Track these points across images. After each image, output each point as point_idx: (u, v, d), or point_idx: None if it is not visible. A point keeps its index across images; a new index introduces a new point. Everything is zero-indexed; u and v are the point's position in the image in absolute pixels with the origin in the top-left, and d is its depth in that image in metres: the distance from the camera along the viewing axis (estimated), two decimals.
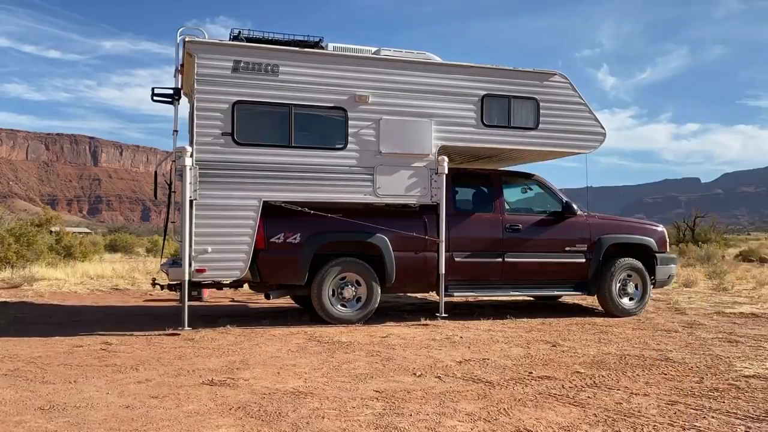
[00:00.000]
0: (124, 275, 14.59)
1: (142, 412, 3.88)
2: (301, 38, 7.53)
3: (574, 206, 8.41)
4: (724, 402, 4.25)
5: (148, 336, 6.69)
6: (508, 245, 8.10)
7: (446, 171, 7.70)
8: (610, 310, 8.41)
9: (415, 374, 4.97)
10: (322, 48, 7.57)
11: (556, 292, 8.63)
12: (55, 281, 12.87)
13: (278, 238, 7.22)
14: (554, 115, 8.22)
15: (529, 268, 8.20)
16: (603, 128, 8.52)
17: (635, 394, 4.43)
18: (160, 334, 6.77)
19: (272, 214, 7.23)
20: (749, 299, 10.62)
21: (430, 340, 6.53)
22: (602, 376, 4.96)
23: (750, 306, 9.64)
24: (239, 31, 7.41)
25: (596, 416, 3.91)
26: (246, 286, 8.31)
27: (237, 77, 7.03)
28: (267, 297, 7.72)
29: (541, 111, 8.16)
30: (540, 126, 8.17)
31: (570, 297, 10.39)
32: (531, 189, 8.57)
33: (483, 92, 7.94)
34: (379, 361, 5.43)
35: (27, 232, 16.50)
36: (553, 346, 6.28)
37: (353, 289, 7.52)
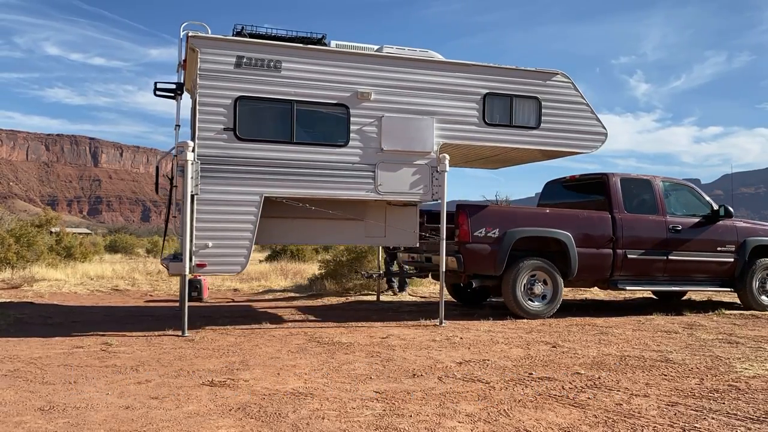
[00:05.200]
0: (124, 276, 14.60)
1: (142, 413, 3.88)
2: (303, 35, 7.52)
3: (731, 210, 9.13)
4: (724, 403, 4.25)
5: (148, 337, 6.69)
6: (672, 244, 8.94)
7: (447, 169, 7.70)
8: (750, 305, 9.35)
9: (415, 375, 4.97)
10: (324, 45, 7.57)
11: (706, 289, 9.39)
12: (55, 282, 12.88)
13: (480, 232, 8.04)
14: (556, 114, 8.27)
15: (688, 266, 9.04)
16: (604, 128, 8.57)
17: (635, 395, 4.43)
18: (160, 335, 6.77)
19: (474, 209, 8.14)
20: None
21: (430, 341, 6.53)
22: (602, 377, 4.96)
23: None
24: (242, 27, 7.38)
25: (596, 417, 3.91)
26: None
27: (239, 73, 7.05)
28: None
29: (542, 110, 8.19)
30: (541, 125, 8.21)
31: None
32: (683, 194, 9.39)
33: (485, 91, 7.96)
34: (379, 362, 5.43)
35: (27, 232, 16.52)
36: (553, 347, 6.28)
37: (541, 286, 8.32)
